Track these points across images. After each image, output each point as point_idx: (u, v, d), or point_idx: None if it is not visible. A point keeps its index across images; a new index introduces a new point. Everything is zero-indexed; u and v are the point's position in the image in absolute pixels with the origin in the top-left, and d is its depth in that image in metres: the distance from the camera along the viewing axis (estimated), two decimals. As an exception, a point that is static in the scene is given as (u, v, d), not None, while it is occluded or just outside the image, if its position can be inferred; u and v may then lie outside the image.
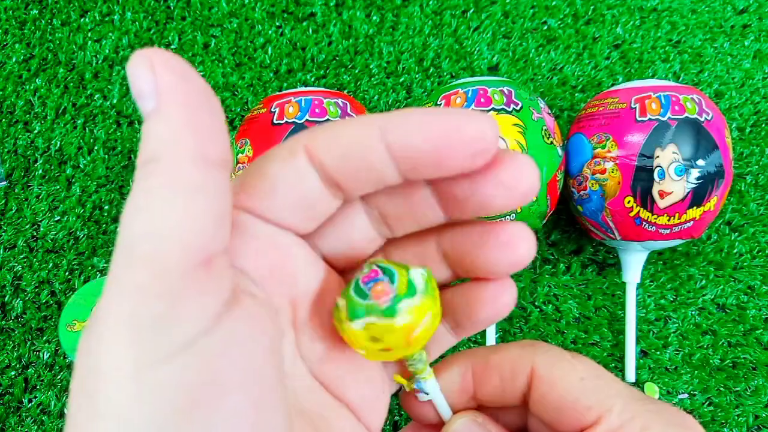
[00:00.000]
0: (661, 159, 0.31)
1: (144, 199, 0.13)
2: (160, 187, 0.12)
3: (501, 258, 0.17)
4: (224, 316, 0.13)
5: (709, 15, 0.41)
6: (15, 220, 0.39)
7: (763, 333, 0.37)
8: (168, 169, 0.12)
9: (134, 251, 0.12)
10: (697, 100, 0.32)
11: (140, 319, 0.12)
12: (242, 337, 0.14)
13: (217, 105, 0.14)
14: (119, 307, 0.12)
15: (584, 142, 0.33)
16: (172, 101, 0.13)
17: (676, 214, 0.31)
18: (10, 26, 0.41)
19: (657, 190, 0.31)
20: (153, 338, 0.12)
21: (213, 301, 0.13)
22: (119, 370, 0.12)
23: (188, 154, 0.13)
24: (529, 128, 0.31)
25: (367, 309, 0.17)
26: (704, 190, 0.31)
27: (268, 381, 0.14)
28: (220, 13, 0.41)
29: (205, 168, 0.13)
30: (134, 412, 0.12)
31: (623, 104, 0.32)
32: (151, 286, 0.12)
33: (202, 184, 0.13)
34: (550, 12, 0.41)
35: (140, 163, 0.13)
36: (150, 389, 0.12)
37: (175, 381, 0.12)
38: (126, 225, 0.13)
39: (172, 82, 0.13)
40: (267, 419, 0.14)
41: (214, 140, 0.13)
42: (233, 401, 0.13)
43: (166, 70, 0.13)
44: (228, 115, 0.40)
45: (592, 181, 0.32)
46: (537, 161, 0.31)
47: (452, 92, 0.32)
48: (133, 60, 0.13)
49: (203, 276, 0.13)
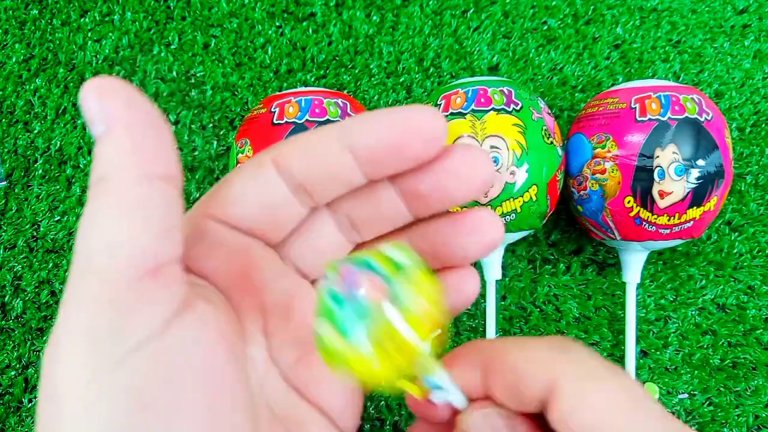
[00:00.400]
0: (661, 159, 0.31)
1: (95, 216, 0.14)
2: (108, 205, 0.14)
3: (472, 243, 0.18)
4: (174, 322, 0.14)
5: (709, 15, 0.41)
6: (15, 220, 0.39)
7: (763, 333, 0.37)
8: (115, 188, 0.14)
9: (86, 264, 0.13)
10: (697, 100, 0.32)
11: (93, 328, 0.13)
12: (193, 342, 0.14)
13: (163, 126, 0.15)
14: (73, 317, 0.13)
15: (584, 142, 0.33)
16: (119, 125, 0.14)
17: (676, 214, 0.31)
18: (10, 26, 0.41)
19: (657, 190, 0.31)
20: (105, 345, 0.13)
21: (162, 308, 0.14)
22: (77, 378, 0.13)
23: (134, 173, 0.14)
24: (529, 128, 0.31)
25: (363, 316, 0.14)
26: (704, 190, 0.31)
27: (224, 384, 0.15)
28: (220, 13, 0.41)
29: (150, 185, 0.14)
30: (92, 417, 0.13)
31: (623, 104, 0.32)
32: (101, 296, 0.13)
33: (147, 200, 0.14)
34: (550, 12, 0.41)
35: (92, 182, 0.14)
36: (105, 394, 0.13)
37: (128, 384, 0.13)
38: (80, 240, 0.14)
39: (119, 107, 0.14)
40: (224, 420, 0.14)
41: (160, 158, 0.14)
42: (187, 403, 0.14)
43: (113, 97, 0.14)
44: (228, 115, 0.40)
45: (592, 181, 0.32)
46: (537, 161, 0.31)
47: (452, 92, 0.32)
48: (84, 89, 0.14)
49: (151, 285, 0.14)
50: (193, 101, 0.40)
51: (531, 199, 0.31)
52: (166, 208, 0.14)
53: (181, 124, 0.39)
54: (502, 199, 0.31)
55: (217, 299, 0.16)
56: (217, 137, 0.39)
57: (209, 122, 0.40)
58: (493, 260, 0.34)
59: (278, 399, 0.18)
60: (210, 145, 0.39)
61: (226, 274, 0.17)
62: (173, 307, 0.14)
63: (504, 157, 0.30)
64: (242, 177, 0.17)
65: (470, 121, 0.31)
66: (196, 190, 0.38)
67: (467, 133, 0.31)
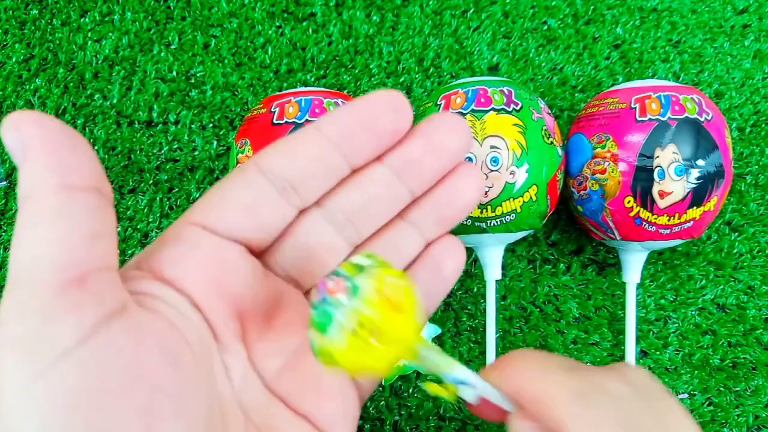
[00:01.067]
0: (661, 159, 0.31)
1: (20, 231, 0.15)
2: (30, 219, 0.14)
3: (464, 181, 0.20)
4: (103, 328, 0.14)
5: (709, 15, 0.41)
6: (15, 220, 0.39)
7: (763, 333, 0.37)
8: (35, 203, 0.14)
9: (15, 277, 0.14)
10: (697, 100, 0.32)
11: (23, 337, 0.13)
12: (124, 348, 0.14)
13: (79, 141, 0.15)
14: (6, 327, 0.14)
15: (584, 142, 0.33)
16: (34, 147, 0.14)
17: (676, 214, 0.31)
18: (10, 26, 0.41)
19: (657, 190, 0.31)
20: (35, 353, 0.13)
21: (89, 315, 0.14)
22: (12, 385, 0.13)
23: (51, 187, 0.14)
24: (529, 128, 0.31)
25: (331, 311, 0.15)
26: (704, 190, 0.31)
27: (163, 390, 0.15)
28: (220, 13, 0.41)
29: (69, 196, 0.14)
30: (26, 423, 0.13)
31: (623, 104, 0.32)
32: (29, 306, 0.14)
33: (67, 210, 0.14)
34: (550, 12, 0.41)
35: (18, 202, 0.15)
36: (36, 400, 0.13)
37: (57, 390, 0.13)
38: (10, 255, 0.15)
39: (33, 133, 0.15)
40: (163, 427, 0.14)
41: (77, 170, 0.15)
42: (118, 408, 0.14)
43: (28, 126, 0.15)
44: (228, 115, 0.40)
45: (592, 181, 0.32)
46: (537, 161, 0.31)
47: (452, 92, 0.32)
48: (3, 125, 0.15)
49: (77, 293, 0.14)
50: (193, 101, 0.40)
51: (531, 199, 0.31)
52: (89, 217, 0.15)
53: (181, 124, 0.39)
54: (502, 199, 0.31)
55: (161, 307, 0.16)
56: (217, 137, 0.39)
57: (209, 122, 0.40)
58: (493, 260, 0.34)
59: (258, 408, 0.18)
60: (210, 145, 0.39)
61: (195, 278, 0.17)
62: (102, 313, 0.14)
63: (504, 156, 0.30)
64: (226, 182, 0.18)
65: (470, 121, 0.31)
66: (196, 191, 0.38)
67: None
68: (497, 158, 0.30)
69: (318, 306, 0.16)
